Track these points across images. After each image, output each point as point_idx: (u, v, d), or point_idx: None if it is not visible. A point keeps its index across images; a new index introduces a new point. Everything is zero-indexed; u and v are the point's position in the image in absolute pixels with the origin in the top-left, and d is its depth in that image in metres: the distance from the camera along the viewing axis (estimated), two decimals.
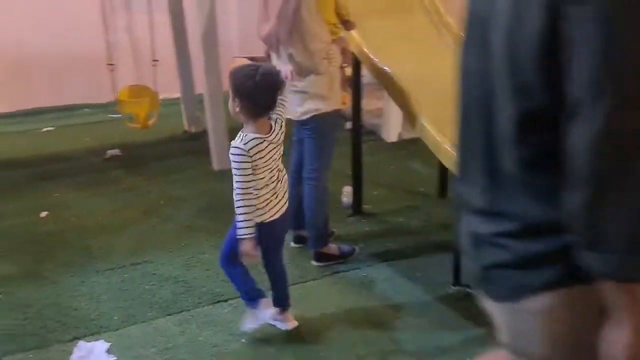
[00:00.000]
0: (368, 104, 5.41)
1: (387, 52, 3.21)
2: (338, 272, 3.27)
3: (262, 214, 2.45)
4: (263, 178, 2.38)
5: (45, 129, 6.26)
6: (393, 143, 5.40)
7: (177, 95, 6.18)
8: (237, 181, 2.33)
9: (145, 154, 5.35)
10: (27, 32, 6.68)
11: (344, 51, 3.16)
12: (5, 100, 6.18)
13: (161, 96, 5.34)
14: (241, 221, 2.37)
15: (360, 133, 3.77)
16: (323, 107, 2.95)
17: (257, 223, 2.42)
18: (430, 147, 2.89)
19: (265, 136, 2.35)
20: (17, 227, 3.92)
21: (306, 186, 3.15)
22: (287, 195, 2.58)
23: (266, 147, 2.35)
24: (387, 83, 3.12)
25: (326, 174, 3.17)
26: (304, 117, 2.99)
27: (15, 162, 5.21)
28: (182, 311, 2.96)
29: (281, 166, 2.53)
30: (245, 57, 7.52)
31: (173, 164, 5.03)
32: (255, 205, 2.37)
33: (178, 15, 5.58)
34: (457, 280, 3.02)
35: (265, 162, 2.36)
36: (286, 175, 2.58)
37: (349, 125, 4.01)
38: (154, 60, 5.23)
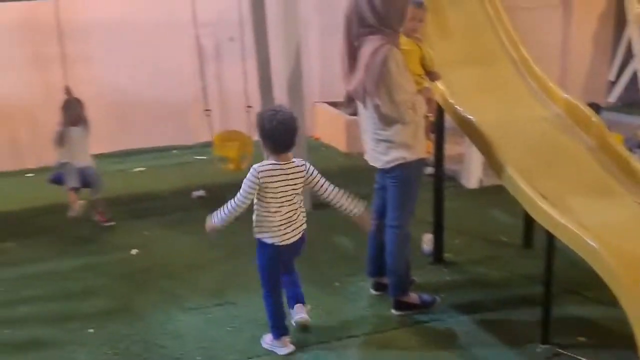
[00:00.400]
0: (448, 149, 5.34)
1: (471, 101, 3.21)
2: (419, 322, 3.21)
3: (275, 237, 2.82)
4: (271, 203, 2.74)
5: (137, 169, 6.65)
6: (474, 189, 5.31)
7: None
8: (239, 192, 2.77)
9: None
10: (125, 77, 7.21)
11: (429, 101, 3.19)
12: (103, 141, 6.61)
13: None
14: (221, 213, 2.86)
15: (443, 179, 3.75)
16: (408, 155, 2.97)
17: (270, 244, 2.83)
18: (517, 198, 2.84)
19: (281, 164, 2.69)
20: (111, 263, 4.15)
21: (389, 233, 3.15)
22: (302, 227, 2.92)
23: (279, 174, 2.71)
24: (471, 132, 3.11)
25: (409, 221, 3.17)
26: (389, 166, 3.00)
27: (111, 200, 5.53)
28: (262, 355, 3.00)
29: (300, 203, 2.88)
30: (325, 102, 7.74)
31: None
32: (234, 216, 2.86)
33: (265, 64, 5.83)
34: (545, 338, 2.89)
35: (276, 187, 2.72)
36: (303, 212, 2.92)
37: (430, 170, 4.00)
38: (247, 107, 5.43)
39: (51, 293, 3.76)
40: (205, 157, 5.98)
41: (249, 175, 2.74)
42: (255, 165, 2.74)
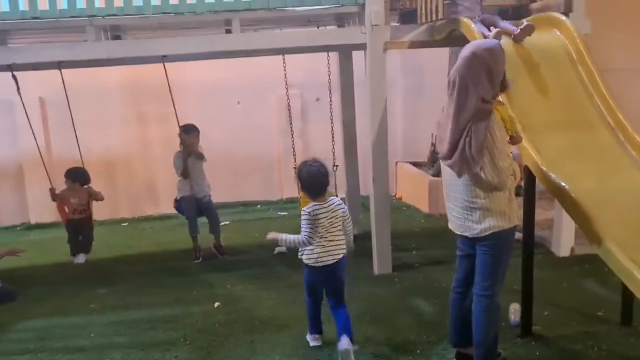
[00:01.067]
0: (536, 214, 5.16)
1: (565, 167, 3.10)
2: None
3: (321, 259, 3.45)
4: (321, 232, 3.42)
5: (222, 223, 6.85)
6: (564, 258, 5.05)
7: (342, 196, 6.47)
8: (303, 231, 3.43)
9: None
10: (217, 133, 7.57)
11: (520, 166, 3.11)
12: None
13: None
14: (289, 238, 3.50)
15: (532, 247, 3.60)
16: (504, 223, 2.87)
17: (317, 267, 3.49)
18: (615, 270, 2.67)
19: (321, 204, 3.43)
20: (194, 315, 4.26)
21: (478, 303, 3.02)
22: (338, 250, 3.50)
23: (322, 212, 3.42)
24: (565, 200, 2.98)
25: (500, 291, 3.04)
26: (483, 234, 2.90)
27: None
28: None
29: (338, 232, 3.50)
30: (408, 162, 7.73)
31: None
32: (304, 247, 3.49)
33: (349, 126, 5.95)
34: None
35: (320, 221, 3.41)
36: (341, 238, 3.51)
37: (518, 236, 3.85)
38: (334, 165, 5.51)
39: (139, 341, 3.89)
40: (286, 213, 6.09)
41: (305, 217, 3.43)
42: (305, 209, 3.45)
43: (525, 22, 3.81)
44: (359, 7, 4.54)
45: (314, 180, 3.45)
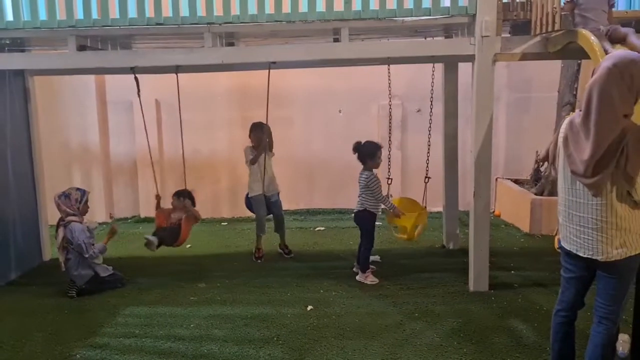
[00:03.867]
0: None
1: None
2: None
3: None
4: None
5: (317, 228, 6.98)
6: None
7: (439, 209, 6.36)
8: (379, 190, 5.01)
9: (404, 264, 5.54)
10: (318, 141, 7.75)
11: None
12: (290, 199, 7.09)
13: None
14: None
15: None
16: (638, 246, 2.72)
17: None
18: None
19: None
20: (288, 316, 4.35)
21: (600, 326, 2.85)
22: None
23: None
24: None
25: (621, 316, 2.86)
26: (617, 257, 2.71)
27: (292, 257, 5.87)
28: None
29: None
30: (508, 179, 7.46)
31: (429, 278, 5.09)
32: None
33: (452, 138, 5.85)
34: None
35: None
36: None
37: None
38: (426, 177, 5.46)
39: (234, 336, 4.03)
40: (380, 223, 6.04)
41: (375, 178, 5.01)
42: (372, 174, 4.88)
43: None
44: (470, 17, 4.46)
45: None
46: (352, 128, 7.61)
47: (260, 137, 5.55)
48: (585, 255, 2.80)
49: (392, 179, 5.59)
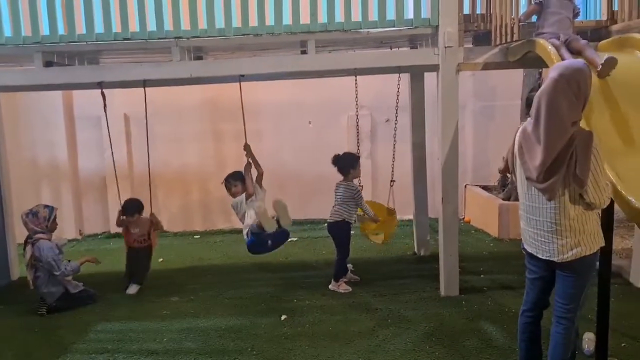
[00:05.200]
0: (614, 243, 4.96)
1: None
2: None
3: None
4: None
5: (290, 239, 6.97)
6: None
7: (410, 217, 6.46)
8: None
9: (376, 271, 5.61)
10: (288, 152, 7.80)
11: None
12: None
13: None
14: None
15: (609, 276, 3.46)
16: (593, 245, 2.81)
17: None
18: None
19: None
20: (261, 326, 4.36)
21: (558, 325, 2.94)
22: None
23: None
24: None
25: (579, 315, 2.96)
26: (572, 258, 2.81)
27: (265, 267, 5.88)
28: None
29: None
30: (477, 185, 7.61)
31: (401, 285, 5.16)
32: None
33: (419, 147, 5.96)
34: None
35: None
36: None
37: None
38: (391, 181, 5.56)
39: (208, 348, 4.02)
40: (353, 232, 6.11)
41: (359, 188, 5.16)
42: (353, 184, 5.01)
43: (605, 55, 3.67)
44: (433, 28, 4.58)
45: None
46: (322, 139, 7.70)
47: (233, 191, 5.11)
48: (543, 257, 2.90)
49: (362, 186, 5.62)
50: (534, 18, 4.39)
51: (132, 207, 5.34)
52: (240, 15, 4.52)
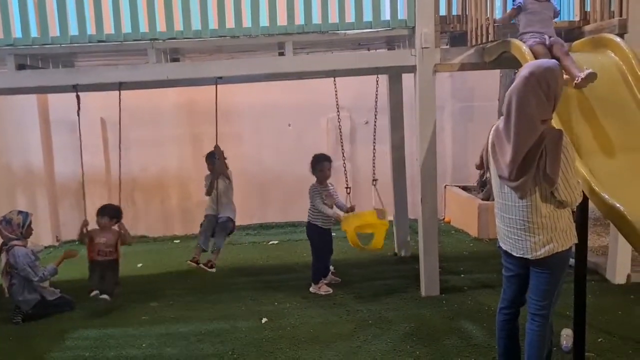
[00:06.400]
0: (590, 240, 5.03)
1: (619, 190, 3.02)
2: None
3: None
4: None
5: (271, 242, 6.98)
6: (620, 285, 4.88)
7: (390, 218, 6.46)
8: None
9: (357, 273, 5.61)
10: (268, 155, 7.77)
11: None
12: (245, 214, 7.07)
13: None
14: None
15: (585, 273, 3.50)
16: (564, 242, 2.84)
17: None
18: None
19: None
20: (242, 330, 4.33)
21: (533, 323, 2.96)
22: None
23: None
24: (621, 224, 2.90)
25: (553, 311, 2.98)
26: (545, 255, 2.83)
27: (246, 270, 5.84)
28: None
29: None
30: (456, 186, 7.66)
31: (382, 286, 5.17)
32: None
33: (398, 148, 5.99)
34: None
35: None
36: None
37: (570, 262, 3.76)
38: (374, 180, 5.51)
39: (188, 353, 3.98)
40: (335, 234, 6.12)
41: (314, 187, 5.15)
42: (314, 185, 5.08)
43: (587, 69, 3.70)
44: (409, 30, 4.61)
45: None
46: (302, 142, 7.69)
47: (211, 166, 5.34)
48: (517, 255, 2.92)
49: (350, 187, 5.51)
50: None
51: (110, 211, 5.08)
52: (216, 17, 4.50)
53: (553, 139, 2.70)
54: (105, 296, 4.75)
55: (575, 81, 3.66)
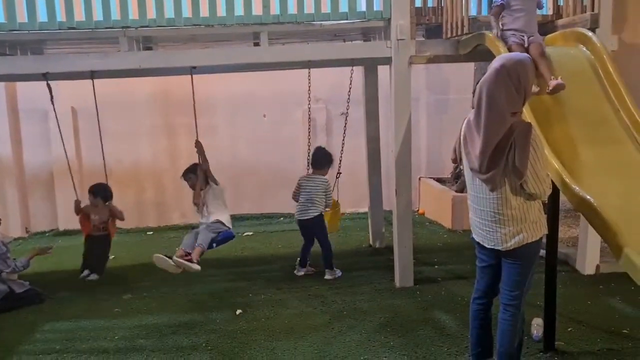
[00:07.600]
0: (560, 231, 5.13)
1: (590, 181, 3.08)
2: None
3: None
4: None
5: (246, 234, 6.94)
6: (589, 276, 4.99)
7: (365, 210, 6.49)
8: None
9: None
10: (243, 147, 7.71)
11: None
12: None
13: (350, 210, 5.66)
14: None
15: (555, 264, 3.57)
16: (535, 233, 2.88)
17: None
18: None
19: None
20: (216, 321, 4.31)
21: (506, 313, 3.00)
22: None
23: None
24: (591, 215, 2.95)
25: (525, 300, 3.03)
26: (515, 246, 2.87)
27: (220, 262, 5.80)
28: None
29: None
30: (431, 178, 7.71)
31: (357, 277, 5.19)
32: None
33: (374, 140, 6.00)
34: None
35: None
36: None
37: (541, 253, 3.81)
38: (338, 173, 5.65)
39: (162, 345, 3.94)
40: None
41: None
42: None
43: (555, 80, 3.72)
44: (385, 21, 4.60)
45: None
46: (278, 133, 7.66)
47: (191, 182, 5.13)
48: (489, 246, 2.96)
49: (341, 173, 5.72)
50: None
51: (102, 191, 5.29)
52: (190, 5, 4.43)
53: (522, 131, 2.73)
54: (94, 276, 5.17)
55: (547, 89, 3.69)
